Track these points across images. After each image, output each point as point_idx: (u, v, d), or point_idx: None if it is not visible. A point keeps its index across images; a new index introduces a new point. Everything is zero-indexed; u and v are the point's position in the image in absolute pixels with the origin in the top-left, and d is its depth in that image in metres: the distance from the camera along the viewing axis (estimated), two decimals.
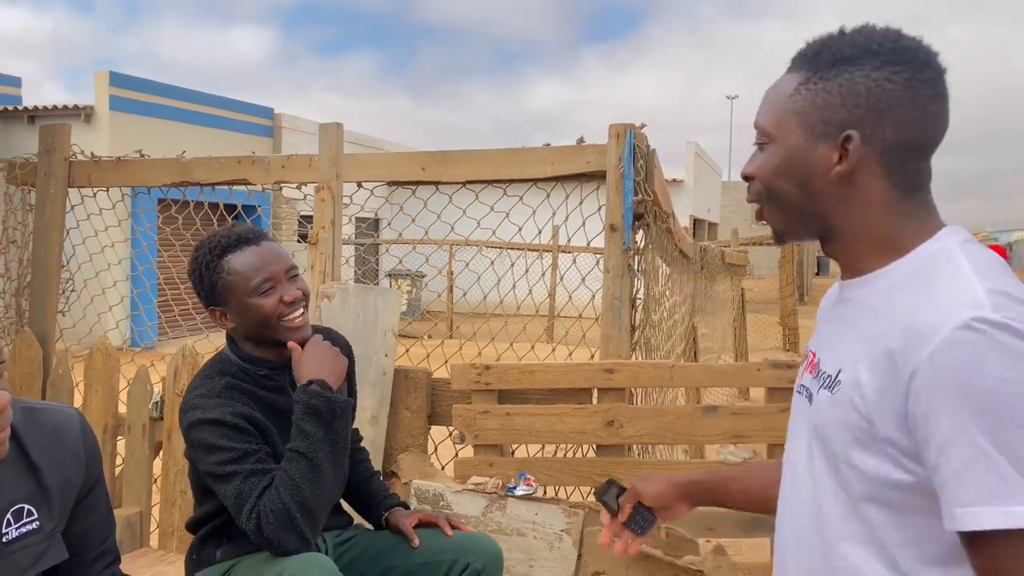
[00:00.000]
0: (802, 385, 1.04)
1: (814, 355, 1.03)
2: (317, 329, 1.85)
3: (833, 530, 0.94)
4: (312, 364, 1.68)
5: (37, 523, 1.29)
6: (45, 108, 12.21)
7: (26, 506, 1.27)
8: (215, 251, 1.72)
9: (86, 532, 1.40)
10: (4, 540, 1.24)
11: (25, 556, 1.27)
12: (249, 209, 3.76)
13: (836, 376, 0.94)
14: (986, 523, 0.78)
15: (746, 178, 1.05)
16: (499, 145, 2.87)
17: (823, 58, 0.95)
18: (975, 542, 0.80)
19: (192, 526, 1.84)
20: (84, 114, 11.85)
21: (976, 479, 0.78)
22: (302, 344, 1.72)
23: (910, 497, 0.87)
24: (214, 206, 3.65)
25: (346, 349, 1.90)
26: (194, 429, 1.64)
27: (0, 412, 1.12)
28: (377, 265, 14.93)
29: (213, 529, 1.78)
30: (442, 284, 13.49)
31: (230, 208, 3.46)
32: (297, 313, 1.73)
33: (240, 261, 1.71)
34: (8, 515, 1.25)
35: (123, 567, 1.51)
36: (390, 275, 14.81)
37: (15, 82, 13.17)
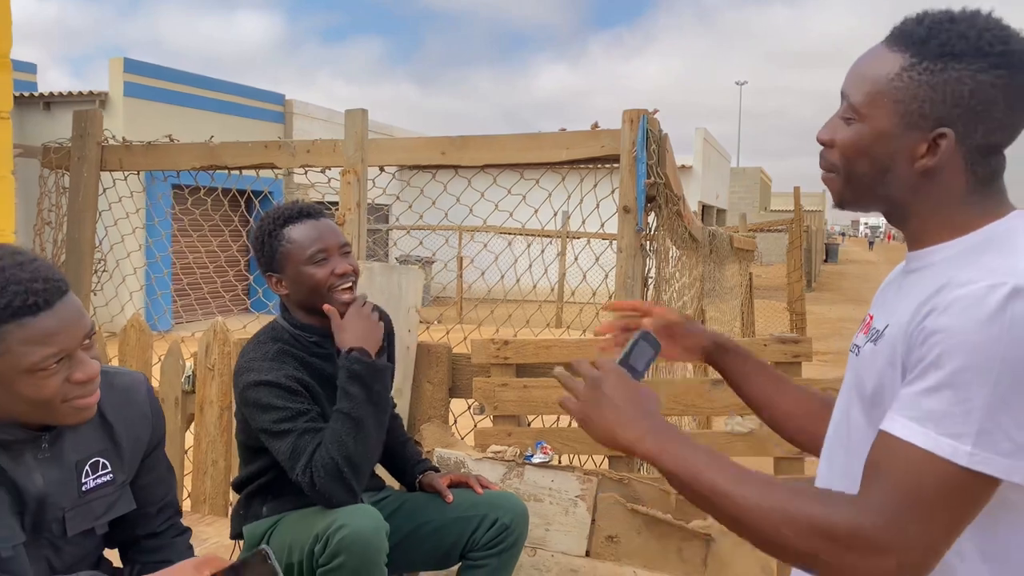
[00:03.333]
0: (855, 344, 1.12)
1: (871, 317, 1.09)
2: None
3: (860, 466, 1.02)
4: (351, 332, 1.80)
5: (111, 475, 1.43)
6: (60, 94, 12.36)
7: (101, 459, 1.42)
8: (277, 221, 1.85)
9: (150, 485, 1.54)
10: (84, 489, 1.38)
11: (100, 504, 1.41)
12: (259, 194, 3.89)
13: (883, 331, 1.00)
14: (913, 437, 0.87)
15: (823, 143, 1.05)
16: (506, 131, 3.00)
17: (930, 46, 0.94)
18: (892, 440, 0.90)
19: (238, 485, 1.98)
20: (99, 100, 12.01)
21: (926, 402, 0.87)
22: (342, 312, 1.84)
23: None
24: (226, 191, 3.77)
25: (387, 321, 2.03)
26: (249, 390, 1.77)
27: (92, 380, 1.26)
28: (387, 249, 15.06)
29: (259, 487, 1.92)
30: (453, 269, 13.61)
31: (241, 192, 3.58)
32: (346, 285, 1.85)
33: (298, 232, 1.84)
34: (87, 466, 1.39)
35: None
36: (400, 261, 14.94)
37: (30, 68, 13.31)
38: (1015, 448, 0.85)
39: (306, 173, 3.31)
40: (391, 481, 2.24)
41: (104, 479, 1.42)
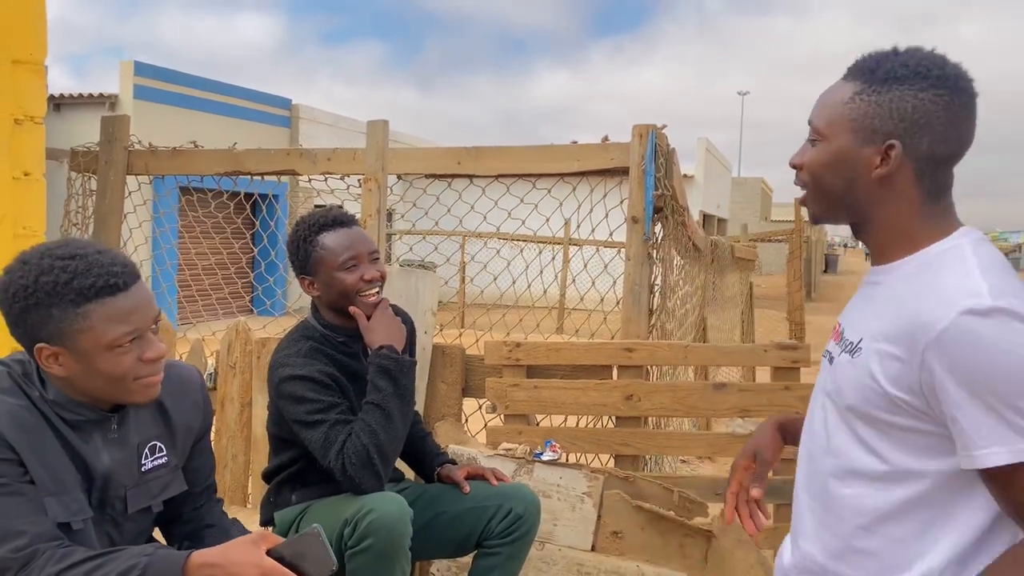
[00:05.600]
0: (827, 350, 1.24)
1: (839, 325, 1.22)
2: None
3: (835, 460, 1.16)
4: (381, 331, 1.94)
5: (166, 458, 1.55)
6: (71, 96, 12.49)
7: (158, 443, 1.54)
8: (313, 228, 1.98)
9: (199, 468, 1.66)
10: (142, 469, 1.50)
11: (156, 484, 1.54)
12: (265, 198, 4.02)
13: (857, 343, 1.12)
14: (999, 460, 0.98)
15: (794, 167, 1.21)
16: (506, 137, 3.14)
17: (877, 74, 1.10)
18: (993, 477, 1.00)
19: (268, 474, 2.10)
20: (109, 103, 12.14)
21: (987, 429, 0.98)
22: (368, 313, 1.97)
23: (903, 431, 1.08)
24: (234, 195, 3.87)
25: (408, 322, 2.15)
26: (284, 383, 1.89)
27: (160, 358, 1.39)
28: (390, 253, 15.18)
29: (289, 476, 2.04)
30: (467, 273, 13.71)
31: (249, 196, 3.69)
32: (373, 290, 1.98)
33: (332, 239, 1.96)
34: (146, 449, 1.51)
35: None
36: (401, 265, 15.01)
37: None
38: None
39: (326, 180, 3.44)
40: (410, 474, 2.36)
41: (160, 461, 1.54)
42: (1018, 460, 0.97)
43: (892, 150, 1.08)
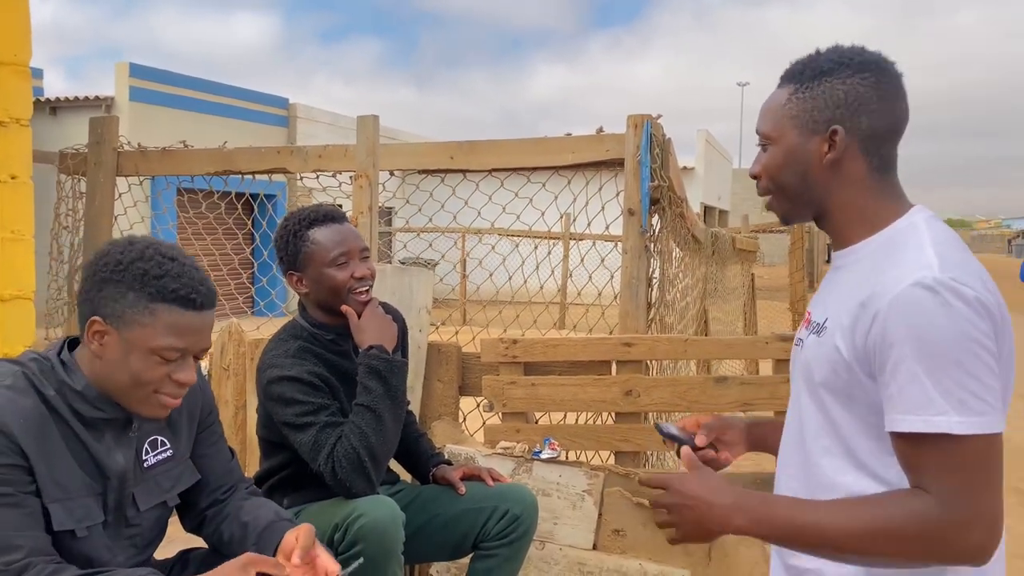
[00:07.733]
0: (799, 338, 1.30)
1: (809, 313, 1.30)
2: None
3: (811, 442, 1.21)
4: (371, 331, 1.90)
5: (171, 451, 1.53)
6: (67, 99, 12.47)
7: (159, 437, 1.52)
8: (303, 222, 1.93)
9: (211, 457, 1.63)
10: (145, 465, 1.48)
11: (166, 478, 1.52)
12: (268, 197, 3.98)
13: (823, 323, 1.20)
14: (911, 427, 1.04)
15: (754, 176, 1.31)
16: (505, 132, 3.09)
17: (806, 73, 1.21)
18: (902, 441, 1.07)
19: (259, 479, 2.05)
20: (105, 105, 12.11)
21: (910, 396, 1.05)
22: (358, 312, 1.92)
23: (867, 410, 1.13)
24: (226, 194, 3.82)
25: (400, 320, 2.11)
26: (273, 385, 1.85)
27: (187, 385, 1.40)
28: (391, 251, 15.14)
29: (280, 481, 2.00)
30: (461, 268, 13.67)
31: (241, 196, 3.64)
32: (364, 288, 1.94)
33: (323, 234, 1.92)
34: (146, 444, 1.49)
35: (172, 529, 1.69)
36: (402, 263, 14.99)
37: (36, 73, 13.41)
38: (986, 406, 1.03)
39: (317, 177, 3.39)
40: (405, 476, 2.31)
41: (164, 455, 1.52)
42: (926, 430, 1.03)
43: (836, 135, 1.18)
